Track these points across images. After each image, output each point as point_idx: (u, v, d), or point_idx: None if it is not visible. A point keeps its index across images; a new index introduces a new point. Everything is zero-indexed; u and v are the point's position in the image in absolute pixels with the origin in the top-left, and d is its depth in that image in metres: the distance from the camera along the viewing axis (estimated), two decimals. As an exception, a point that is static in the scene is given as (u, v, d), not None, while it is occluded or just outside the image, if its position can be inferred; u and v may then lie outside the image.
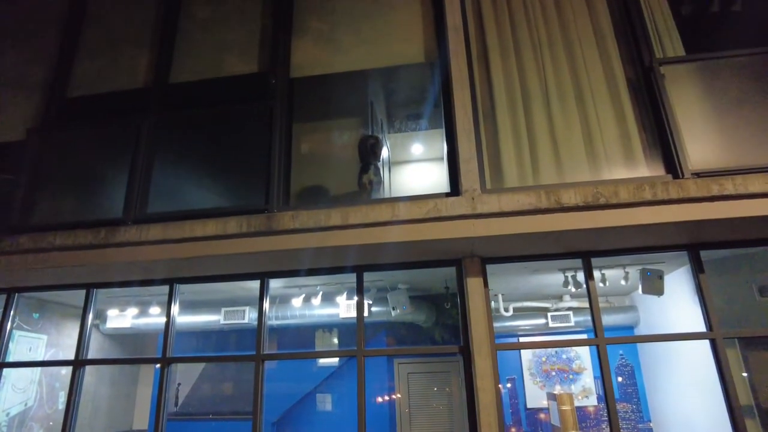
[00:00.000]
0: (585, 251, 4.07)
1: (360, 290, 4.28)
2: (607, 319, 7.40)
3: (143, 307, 6.52)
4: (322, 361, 7.30)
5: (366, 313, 6.07)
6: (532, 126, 4.04)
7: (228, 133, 4.23)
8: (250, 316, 6.38)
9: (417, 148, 7.27)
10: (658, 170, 3.74)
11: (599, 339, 3.87)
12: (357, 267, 4.29)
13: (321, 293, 5.98)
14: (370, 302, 5.86)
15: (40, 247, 3.99)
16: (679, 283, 5.67)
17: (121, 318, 6.43)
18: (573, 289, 5.53)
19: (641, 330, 7.16)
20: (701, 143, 3.62)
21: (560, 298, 7.31)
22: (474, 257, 4.04)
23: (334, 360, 7.33)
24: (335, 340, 7.17)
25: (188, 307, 6.57)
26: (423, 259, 4.23)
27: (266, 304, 4.38)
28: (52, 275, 4.26)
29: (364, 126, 4.65)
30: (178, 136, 4.31)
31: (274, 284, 6.03)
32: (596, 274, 6.05)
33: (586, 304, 7.49)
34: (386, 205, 3.67)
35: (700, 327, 3.80)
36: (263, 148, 4.07)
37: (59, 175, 4.32)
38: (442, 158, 7.91)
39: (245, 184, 4.01)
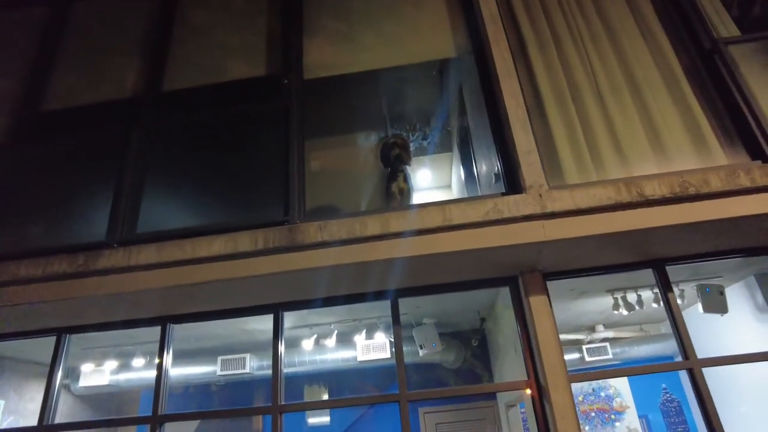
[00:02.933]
0: (660, 258, 3.48)
1: (397, 320, 3.56)
2: (640, 351, 6.73)
3: (124, 360, 5.54)
4: (312, 420, 6.27)
5: (387, 354, 5.29)
6: (586, 118, 3.55)
7: (235, 139, 3.61)
8: (251, 364, 5.48)
9: (424, 175, 6.77)
10: (739, 157, 3.26)
11: (693, 361, 3.22)
12: (391, 292, 3.59)
13: (336, 332, 5.17)
14: (393, 339, 5.07)
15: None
16: (736, 300, 5.10)
17: (98, 374, 5.43)
18: (624, 312, 4.90)
19: (684, 359, 6.49)
20: (790, 123, 3.17)
21: (593, 328, 6.64)
22: (535, 272, 3.40)
23: (326, 418, 6.37)
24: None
25: (177, 357, 5.62)
26: (470, 279, 3.58)
27: (281, 345, 3.61)
28: (14, 319, 3.42)
29: (385, 128, 4.10)
30: (174, 144, 3.67)
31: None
32: (632, 296, 5.47)
33: (623, 334, 6.85)
34: (435, 208, 3.04)
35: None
36: (278, 153, 3.44)
37: (28, 195, 3.57)
38: (449, 186, 7.45)
39: (258, 193, 3.35)
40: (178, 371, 5.79)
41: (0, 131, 3.98)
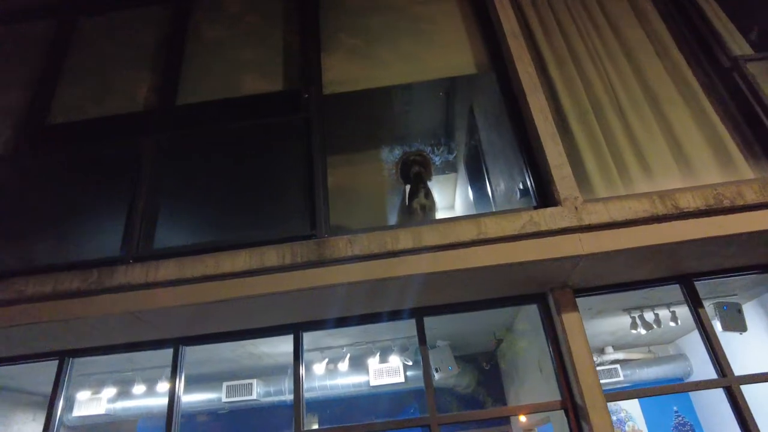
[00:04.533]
0: (688, 274, 3.44)
1: (423, 340, 3.42)
2: (650, 373, 6.64)
3: (123, 387, 5.23)
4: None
5: (400, 378, 5.10)
6: (609, 133, 3.56)
7: (254, 152, 3.51)
8: (258, 390, 5.22)
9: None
10: (765, 171, 3.27)
11: (730, 379, 3.13)
12: (416, 311, 3.47)
13: (348, 356, 4.97)
14: (409, 362, 4.90)
15: (4, 298, 2.98)
16: (750, 318, 5.07)
17: (94, 402, 5.11)
18: (643, 331, 4.82)
19: (695, 381, 6.41)
20: (817, 137, 3.20)
21: (602, 350, 6.55)
22: (565, 288, 3.32)
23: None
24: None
25: None
26: (496, 296, 3.48)
27: (302, 368, 3.43)
28: (17, 341, 3.20)
29: (406, 144, 4.04)
30: (191, 157, 3.56)
31: (286, 348, 5.00)
32: (649, 315, 5.41)
33: (632, 356, 6.76)
34: (468, 221, 2.96)
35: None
36: (301, 166, 3.35)
37: (37, 209, 3.40)
38: (452, 207, 7.40)
39: (282, 207, 3.23)
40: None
41: (7, 144, 3.82)
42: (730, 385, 3.11)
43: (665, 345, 6.93)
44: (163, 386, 4.94)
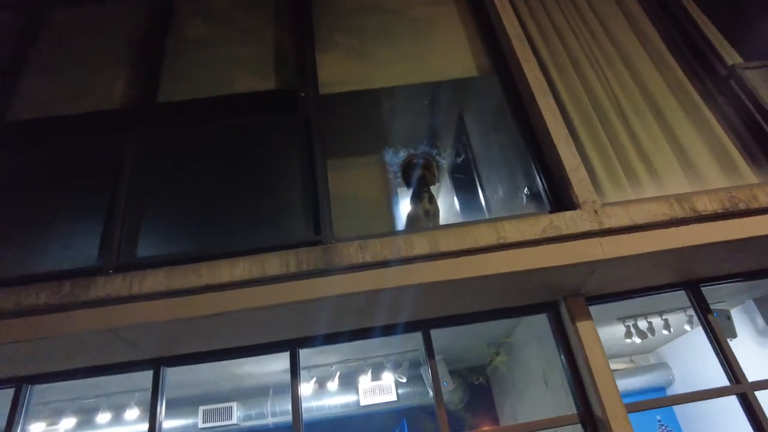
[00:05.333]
0: (695, 279, 3.40)
1: (431, 353, 3.19)
2: (633, 382, 6.66)
3: (86, 416, 4.67)
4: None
5: (392, 396, 4.83)
6: (615, 138, 3.52)
7: (251, 153, 3.24)
8: (238, 414, 4.80)
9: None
10: (766, 175, 3.30)
11: (744, 385, 3.08)
12: (422, 323, 3.25)
13: (338, 374, 4.66)
14: (403, 379, 4.64)
15: (-43, 317, 2.55)
16: (736, 325, 5.15)
17: (52, 435, 4.54)
18: (638, 340, 4.79)
19: (677, 391, 6.47)
20: (818, 142, 3.26)
21: (587, 361, 6.50)
22: (578, 296, 3.20)
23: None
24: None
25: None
26: (507, 306, 3.32)
27: (300, 387, 3.13)
28: (-33, 366, 2.75)
29: (409, 147, 3.86)
30: (178, 157, 3.25)
31: (271, 368, 4.65)
32: (643, 323, 5.40)
33: (617, 366, 6.76)
34: (487, 225, 2.80)
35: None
36: (302, 168, 3.11)
37: (-5, 214, 2.98)
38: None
39: (281, 210, 2.97)
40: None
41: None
42: (745, 392, 3.05)
43: (646, 354, 6.99)
44: (132, 413, 4.46)
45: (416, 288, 2.72)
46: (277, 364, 4.36)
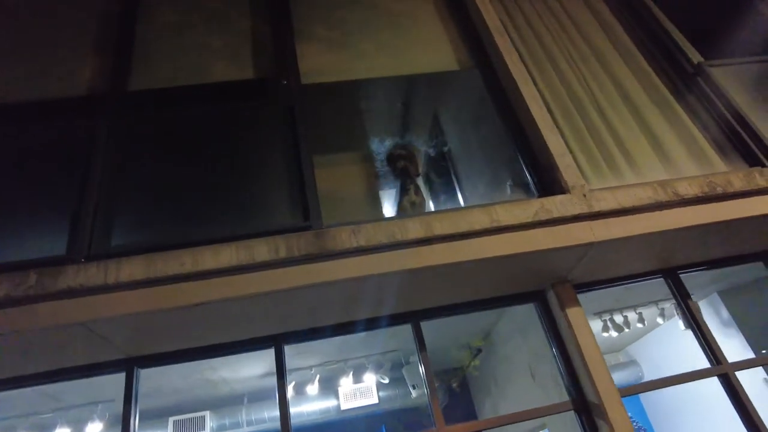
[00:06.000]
0: (674, 267, 3.51)
1: (422, 345, 3.12)
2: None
3: (41, 433, 4.25)
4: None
5: (374, 399, 4.69)
6: (594, 130, 3.60)
7: (232, 140, 3.10)
8: (211, 425, 4.50)
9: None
10: (735, 164, 3.46)
11: (725, 366, 3.17)
12: (412, 315, 3.18)
13: (318, 378, 4.47)
14: (385, 380, 4.50)
15: None
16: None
17: (2, 455, 4.09)
18: (615, 333, 4.88)
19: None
20: (779, 133, 3.45)
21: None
22: (566, 283, 3.22)
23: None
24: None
25: (113, 422, 4.40)
26: (496, 295, 3.30)
27: (289, 387, 2.98)
28: None
29: (393, 137, 3.82)
30: (156, 142, 3.07)
31: (247, 372, 4.41)
32: (619, 317, 5.51)
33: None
34: (480, 209, 2.78)
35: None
36: (289, 155, 3.00)
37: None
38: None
39: (270, 197, 2.85)
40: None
41: None
42: (726, 372, 3.14)
43: (616, 353, 7.16)
44: (95, 428, 4.10)
45: (411, 273, 2.65)
46: (254, 367, 4.15)
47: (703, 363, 3.27)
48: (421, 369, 3.04)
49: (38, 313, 2.33)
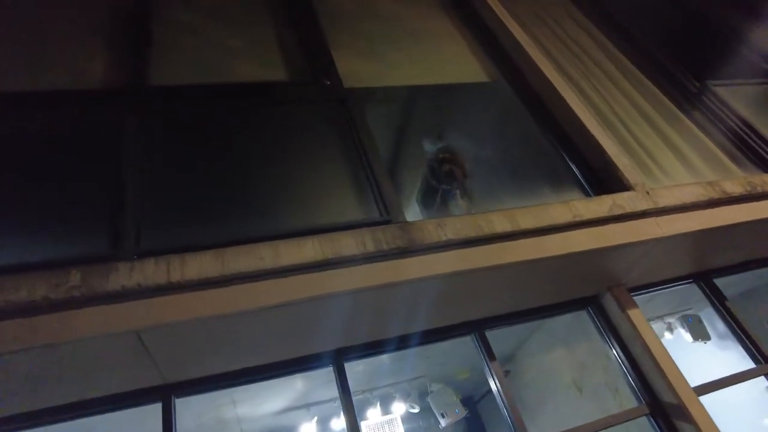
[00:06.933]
0: (708, 270, 3.60)
1: (491, 356, 2.89)
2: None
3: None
4: None
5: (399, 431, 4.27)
6: (623, 141, 3.72)
7: (287, 137, 2.85)
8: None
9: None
10: (751, 171, 3.69)
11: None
12: (477, 324, 2.97)
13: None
14: (416, 409, 4.11)
15: None
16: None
17: None
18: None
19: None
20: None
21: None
22: (621, 286, 3.18)
23: None
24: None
25: None
26: (553, 301, 3.18)
27: (313, 424, 2.62)
28: None
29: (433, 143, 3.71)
30: (202, 137, 2.74)
31: (266, 408, 3.87)
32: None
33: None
34: (560, 204, 2.70)
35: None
36: (348, 148, 2.80)
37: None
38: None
39: (344, 192, 2.60)
40: None
41: None
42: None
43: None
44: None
45: (502, 269, 2.47)
46: (275, 401, 3.66)
47: (716, 373, 3.20)
48: (495, 383, 2.80)
49: (79, 320, 1.88)
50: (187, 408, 3.33)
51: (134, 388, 2.28)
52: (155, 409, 2.34)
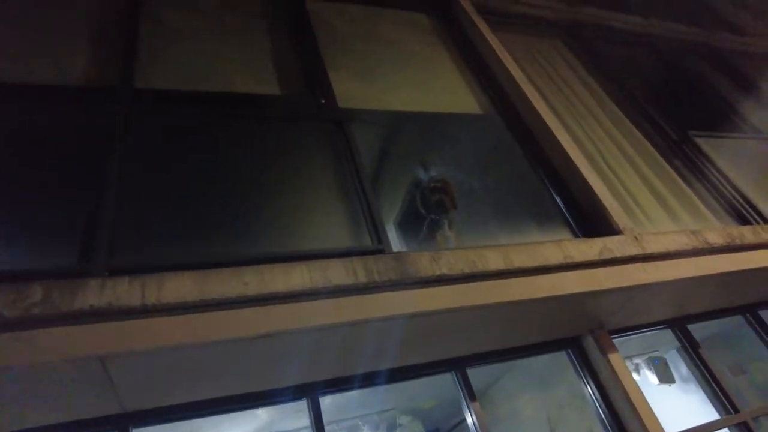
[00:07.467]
0: (682, 316, 3.64)
1: (472, 396, 2.79)
2: None
3: None
4: None
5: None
6: (608, 181, 3.77)
7: (279, 154, 2.72)
8: None
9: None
10: (726, 221, 3.81)
11: (743, 414, 3.27)
12: (457, 362, 2.88)
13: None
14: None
15: None
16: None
17: None
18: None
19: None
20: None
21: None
22: (603, 329, 3.17)
23: None
24: None
25: None
26: (533, 341, 3.13)
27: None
28: None
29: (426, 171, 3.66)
30: (186, 146, 2.58)
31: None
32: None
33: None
34: (552, 244, 2.68)
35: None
36: (348, 173, 2.70)
37: None
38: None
39: (334, 216, 2.49)
40: None
41: None
42: (746, 420, 3.23)
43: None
44: None
45: (490, 308, 2.40)
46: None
47: (680, 417, 3.18)
48: (473, 420, 2.70)
49: (40, 342, 1.68)
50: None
51: (88, 417, 2.05)
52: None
